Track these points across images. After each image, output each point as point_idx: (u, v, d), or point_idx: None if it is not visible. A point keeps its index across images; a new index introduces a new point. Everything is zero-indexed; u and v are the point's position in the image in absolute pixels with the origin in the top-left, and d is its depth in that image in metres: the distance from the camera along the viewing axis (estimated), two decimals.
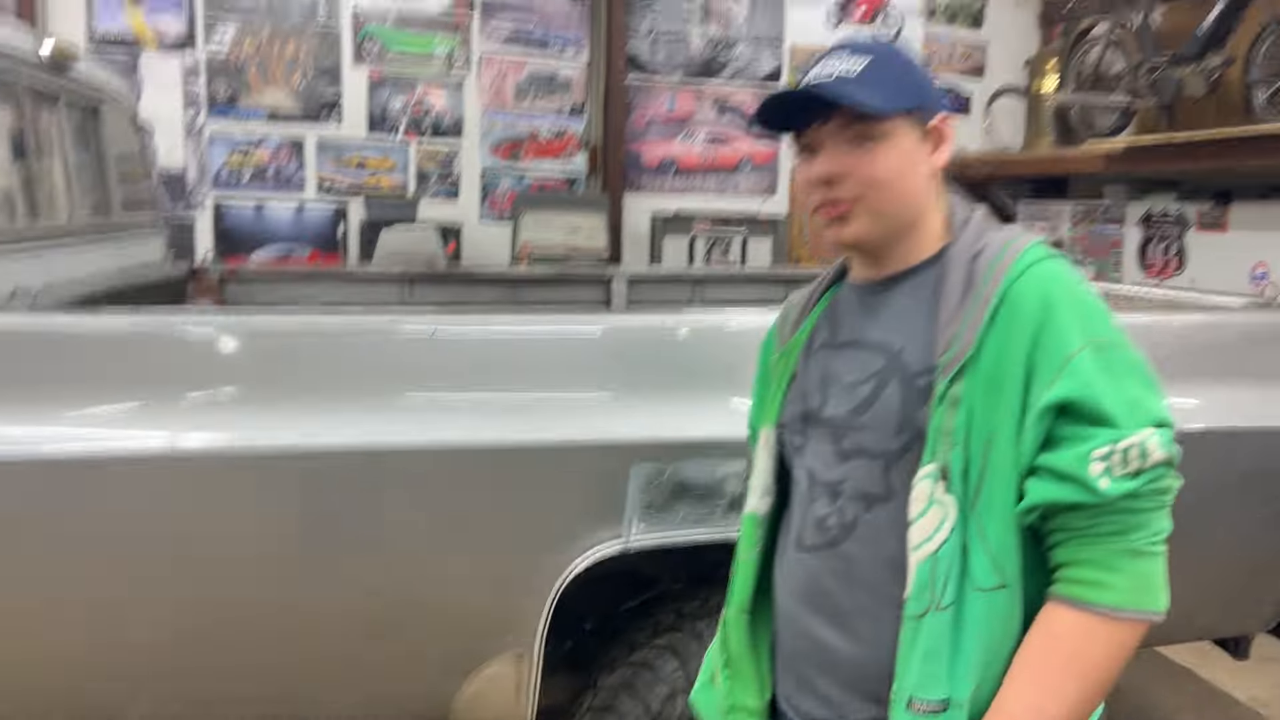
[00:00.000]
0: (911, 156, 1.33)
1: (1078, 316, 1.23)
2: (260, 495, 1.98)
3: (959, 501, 1.24)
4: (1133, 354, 1.24)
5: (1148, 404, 1.20)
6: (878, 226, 1.34)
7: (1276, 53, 4.77)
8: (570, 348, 2.22)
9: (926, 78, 1.37)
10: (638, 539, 2.13)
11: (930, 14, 7.12)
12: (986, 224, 1.37)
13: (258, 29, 6.04)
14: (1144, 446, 1.16)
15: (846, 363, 1.41)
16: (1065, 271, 1.29)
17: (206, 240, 6.09)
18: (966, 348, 1.25)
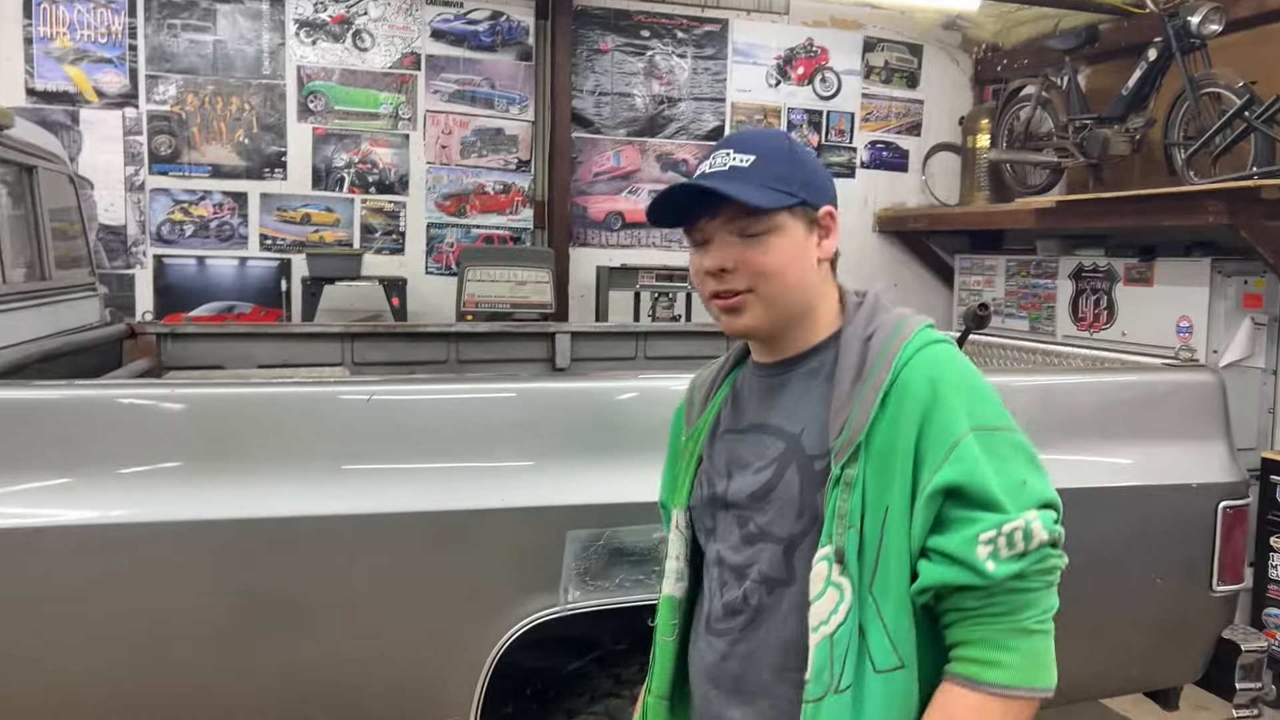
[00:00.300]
0: (800, 247, 1.37)
1: (964, 400, 1.27)
2: (194, 566, 1.96)
3: (855, 583, 1.26)
4: (1018, 437, 1.29)
5: (1033, 486, 1.25)
6: (769, 315, 1.38)
7: (1193, 116, 4.96)
8: (505, 413, 2.24)
9: (813, 169, 1.41)
10: (573, 605, 2.13)
11: (867, 75, 7.32)
12: (877, 307, 1.41)
13: (201, 85, 6.03)
14: (1028, 529, 1.21)
15: (749, 447, 1.44)
16: (953, 356, 1.34)
17: (147, 296, 6.01)
18: (858, 432, 1.28)
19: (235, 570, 1.98)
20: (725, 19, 6.99)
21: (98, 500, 1.91)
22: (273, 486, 2.00)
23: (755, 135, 1.42)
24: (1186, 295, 5.05)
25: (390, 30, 6.34)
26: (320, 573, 2.02)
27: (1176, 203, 4.74)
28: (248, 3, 6.07)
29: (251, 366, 3.94)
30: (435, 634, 2.09)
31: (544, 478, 2.14)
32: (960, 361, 1.33)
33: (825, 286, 1.42)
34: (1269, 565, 4.30)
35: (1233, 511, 2.56)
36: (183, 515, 1.93)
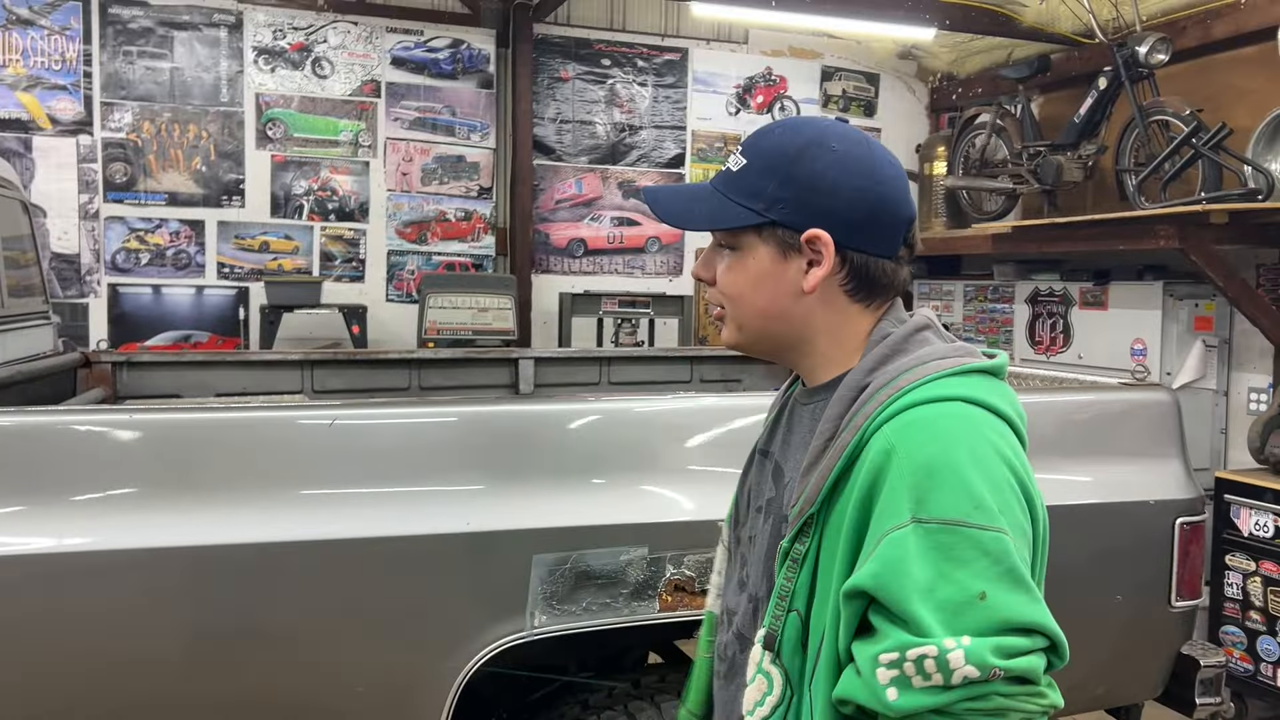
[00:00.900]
0: (765, 274, 1.19)
1: (916, 482, 1.00)
2: (151, 594, 1.91)
3: (790, 675, 1.10)
4: (988, 537, 0.98)
5: (993, 604, 0.96)
6: (745, 337, 1.25)
7: (1143, 143, 5.08)
8: (469, 437, 2.22)
9: (814, 186, 1.16)
10: (540, 630, 2.11)
11: (825, 103, 7.42)
12: (900, 345, 1.16)
13: (157, 112, 5.98)
14: (943, 658, 0.93)
15: (759, 479, 1.32)
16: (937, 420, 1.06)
17: (101, 325, 5.92)
18: (810, 502, 1.10)
19: (197, 598, 1.94)
20: (685, 48, 7.07)
21: (53, 528, 1.87)
22: (232, 513, 1.97)
23: (768, 133, 1.23)
24: (1140, 318, 5.15)
25: (350, 58, 6.34)
26: (282, 600, 1.98)
27: (1128, 228, 4.84)
28: (205, 30, 6.04)
29: (209, 395, 3.88)
30: (400, 661, 2.06)
31: (509, 501, 2.12)
32: (947, 429, 1.05)
33: (828, 318, 1.20)
34: (1224, 583, 4.36)
35: (1189, 528, 2.59)
36: (141, 543, 1.89)
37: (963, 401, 1.07)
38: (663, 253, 7.14)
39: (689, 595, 2.22)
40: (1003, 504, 1.01)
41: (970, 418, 1.06)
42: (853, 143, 1.19)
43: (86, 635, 1.88)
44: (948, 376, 1.10)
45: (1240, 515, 4.31)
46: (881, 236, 1.19)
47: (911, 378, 1.10)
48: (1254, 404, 5.09)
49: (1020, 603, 0.97)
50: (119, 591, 1.90)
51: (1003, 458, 1.04)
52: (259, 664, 1.98)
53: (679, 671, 2.49)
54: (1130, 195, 5.16)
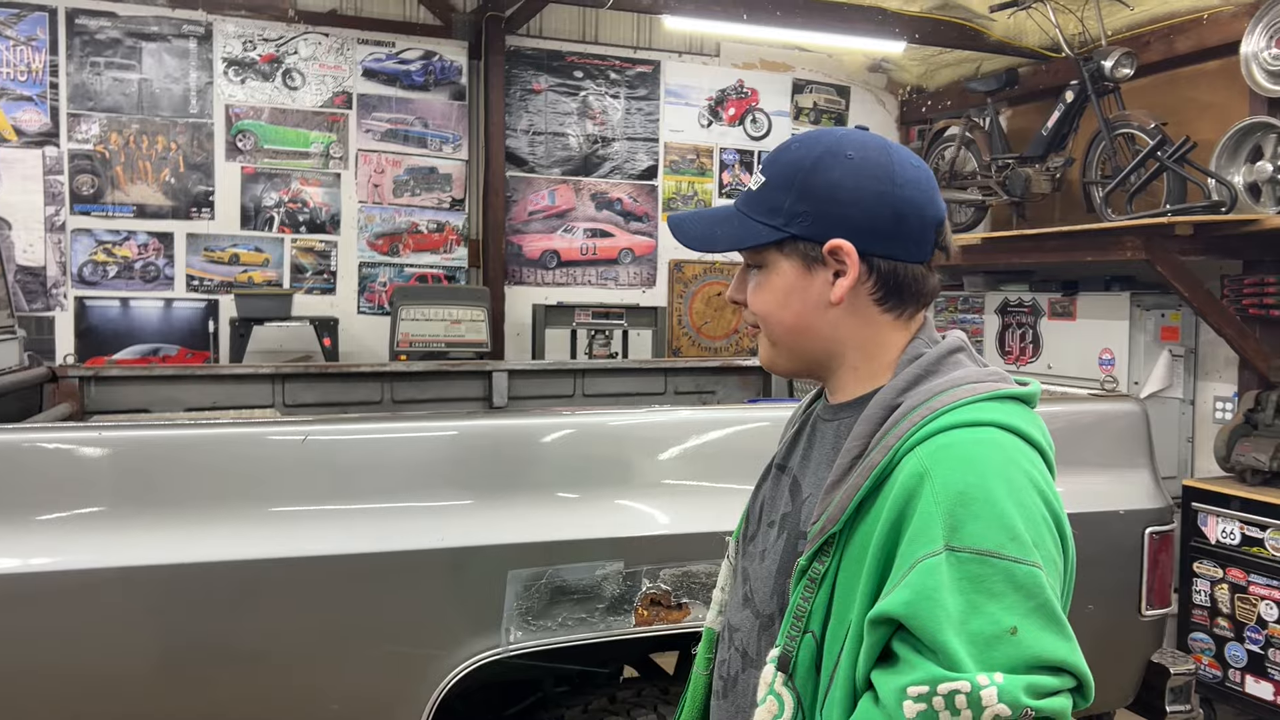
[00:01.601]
0: (790, 289, 1.18)
1: (951, 508, 0.97)
2: (122, 614, 1.89)
3: (803, 698, 1.07)
4: (1023, 570, 0.95)
5: (1024, 639, 0.92)
6: (778, 356, 1.23)
7: (1109, 156, 5.15)
8: (444, 451, 2.21)
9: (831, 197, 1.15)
10: (516, 646, 2.10)
11: (797, 115, 7.46)
12: (933, 366, 1.14)
13: (125, 124, 5.92)
14: (975, 695, 0.89)
15: (774, 493, 1.29)
16: (976, 446, 1.03)
17: (68, 339, 5.84)
18: (833, 521, 1.07)
19: (168, 617, 1.91)
20: (657, 60, 7.09)
21: (19, 548, 1.84)
22: (203, 531, 1.95)
23: (786, 148, 1.22)
24: (1108, 329, 5.21)
25: (321, 69, 6.31)
26: (254, 619, 1.96)
27: (1096, 239, 4.90)
28: (174, 41, 6.00)
29: (179, 410, 3.84)
30: (375, 678, 2.04)
31: (484, 516, 2.11)
32: (984, 458, 1.01)
33: (863, 332, 1.18)
34: (1193, 591, 4.42)
35: (1159, 537, 2.62)
36: (110, 562, 1.87)
37: (998, 428, 1.05)
38: (636, 264, 7.15)
39: (665, 609, 2.22)
40: (1037, 537, 0.98)
41: (1005, 445, 1.04)
42: (870, 149, 1.17)
43: (54, 657, 1.86)
44: (983, 401, 1.08)
45: (1207, 523, 4.36)
46: (908, 240, 1.16)
47: (946, 400, 1.08)
48: (1220, 413, 5.16)
49: (1052, 640, 0.94)
50: (88, 612, 1.87)
51: (1037, 488, 1.02)
52: (231, 683, 1.96)
53: (655, 686, 2.49)
54: (1097, 207, 5.23)
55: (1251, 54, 4.67)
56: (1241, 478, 4.40)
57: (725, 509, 2.23)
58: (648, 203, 7.14)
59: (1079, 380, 5.14)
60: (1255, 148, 4.69)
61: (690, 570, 2.23)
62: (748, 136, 7.34)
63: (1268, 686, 4.08)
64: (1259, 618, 4.12)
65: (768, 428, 2.38)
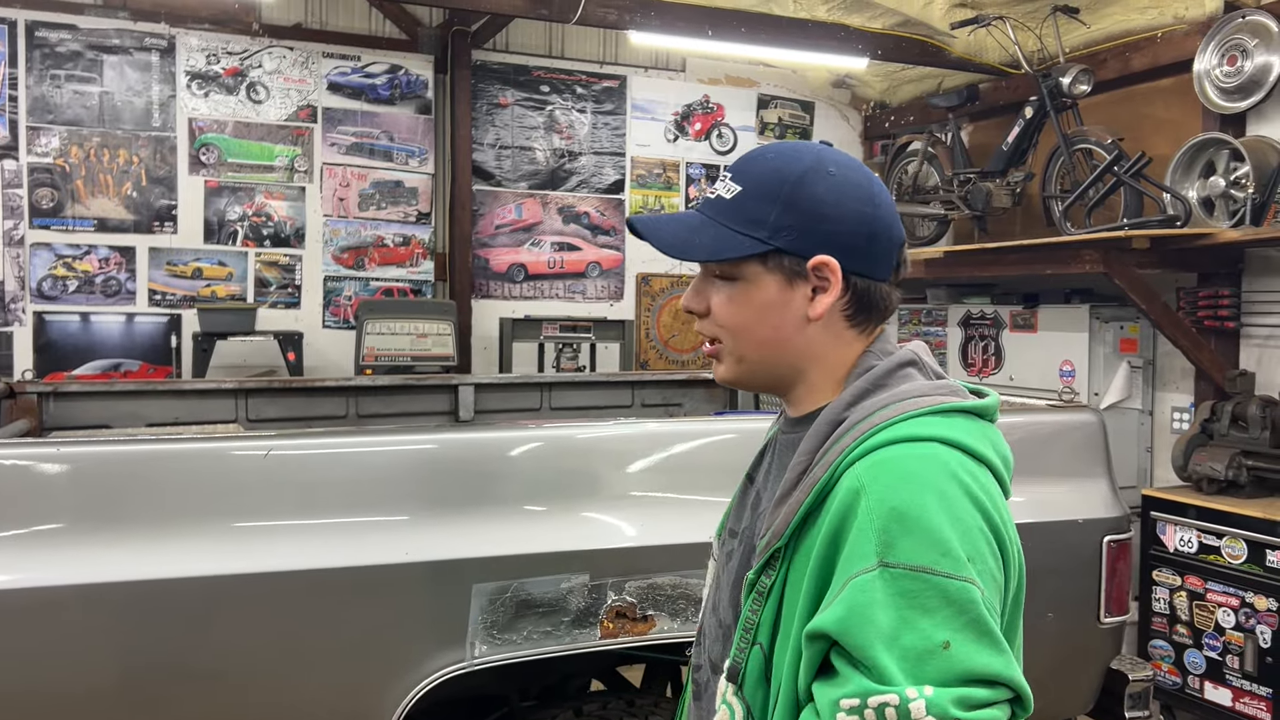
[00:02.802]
0: (770, 303, 1.16)
1: (883, 526, 0.98)
2: (84, 632, 1.87)
3: (753, 708, 1.08)
4: (955, 586, 0.95)
5: (956, 654, 0.93)
6: (739, 372, 1.21)
7: (1068, 171, 5.24)
8: (408, 465, 2.21)
9: (816, 212, 1.14)
10: (481, 660, 2.10)
11: (762, 130, 7.53)
12: (882, 381, 1.14)
13: (86, 137, 5.87)
14: (904, 708, 0.90)
15: (740, 504, 1.30)
16: (912, 462, 1.03)
17: (26, 355, 5.76)
18: (777, 536, 1.08)
19: (130, 635, 1.89)
20: (624, 75, 7.13)
21: None
22: (165, 547, 1.93)
23: (760, 158, 1.20)
24: (1068, 340, 5.29)
25: (286, 83, 6.28)
26: (217, 635, 1.95)
27: (1055, 252, 4.98)
28: (136, 54, 5.95)
29: (140, 425, 3.80)
30: (339, 693, 2.03)
31: (449, 530, 2.11)
32: (913, 473, 1.02)
33: (825, 347, 1.18)
34: (1152, 599, 4.48)
35: (1116, 545, 2.67)
36: (70, 579, 1.85)
37: (938, 443, 1.05)
38: (603, 277, 7.17)
39: (630, 622, 2.22)
40: (973, 551, 0.98)
41: (945, 460, 1.03)
42: (848, 167, 1.19)
43: (13, 677, 1.83)
44: (925, 415, 1.07)
45: (1166, 531, 4.43)
46: (880, 260, 1.17)
47: (888, 414, 1.07)
48: (1177, 423, 5.25)
49: (984, 654, 0.93)
50: (48, 631, 1.85)
51: (975, 503, 1.01)
52: (194, 701, 1.95)
53: (621, 698, 2.49)
54: (1057, 221, 5.31)
55: (1204, 71, 4.77)
56: (1198, 487, 4.48)
57: (691, 521, 2.24)
58: (615, 216, 7.17)
59: (1040, 392, 5.21)
60: (1208, 163, 4.79)
61: (656, 583, 2.24)
62: (714, 151, 7.39)
63: (1226, 692, 4.15)
64: (1217, 624, 4.19)
65: (734, 440, 2.40)
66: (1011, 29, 5.52)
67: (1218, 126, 4.80)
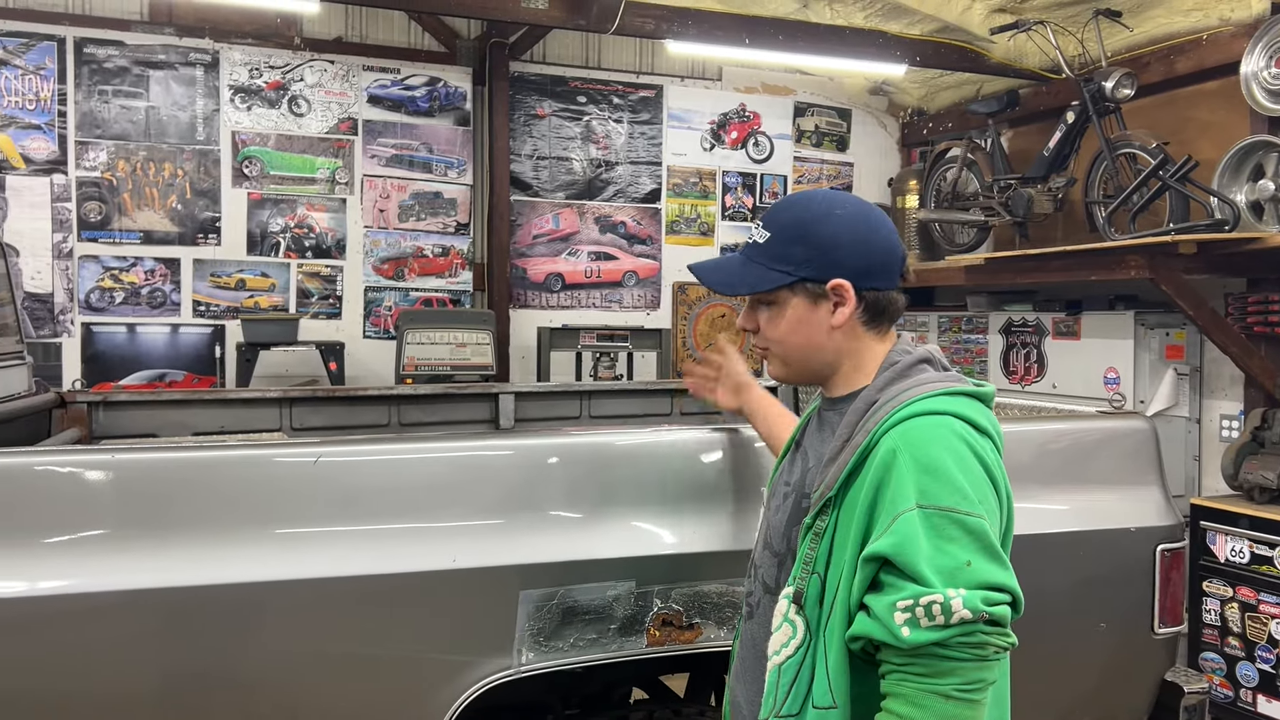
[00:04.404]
0: (802, 319, 1.54)
1: (918, 476, 1.33)
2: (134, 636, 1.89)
3: (810, 624, 1.41)
4: (972, 521, 1.31)
5: (977, 569, 1.28)
6: (789, 371, 1.60)
7: (1111, 176, 5.17)
8: (455, 472, 2.21)
9: (827, 245, 1.51)
10: (528, 667, 2.10)
11: (799, 139, 7.51)
12: (904, 372, 1.50)
13: (133, 151, 5.97)
14: (947, 604, 1.25)
15: (791, 464, 1.66)
16: (932, 429, 1.37)
17: (75, 365, 5.86)
18: (829, 488, 1.43)
19: (179, 640, 1.91)
20: (660, 85, 7.14)
21: (30, 572, 1.84)
22: (213, 553, 1.95)
23: (785, 208, 1.58)
24: (1112, 347, 5.21)
25: (327, 96, 6.36)
26: (264, 641, 1.96)
27: (1099, 258, 4.91)
28: (181, 69, 6.05)
29: (186, 434, 3.84)
30: (386, 700, 2.04)
31: (496, 537, 2.11)
32: (937, 437, 1.36)
33: (851, 346, 1.55)
34: (1203, 610, 4.40)
35: (1170, 554, 2.61)
36: (124, 585, 1.87)
37: (949, 415, 1.40)
38: (640, 286, 7.17)
39: (677, 630, 2.21)
40: (981, 495, 1.34)
41: (954, 428, 1.39)
42: (853, 206, 1.56)
43: (64, 681, 1.85)
44: (939, 396, 1.43)
45: (1216, 542, 4.35)
46: (885, 274, 1.54)
47: (910, 394, 1.43)
48: (1226, 431, 5.16)
49: (995, 570, 1.30)
50: (100, 635, 1.87)
51: (979, 460, 1.37)
52: (239, 706, 1.96)
53: (666, 707, 2.48)
54: (1100, 226, 5.24)
55: (1251, 74, 4.69)
56: (1250, 496, 4.39)
57: (734, 528, 2.23)
58: (651, 225, 7.17)
59: (1085, 399, 5.14)
60: (1257, 166, 4.71)
61: (702, 590, 2.22)
62: (750, 159, 7.38)
63: None
64: (1270, 637, 4.10)
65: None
66: (1052, 33, 5.46)
67: (1266, 129, 4.72)
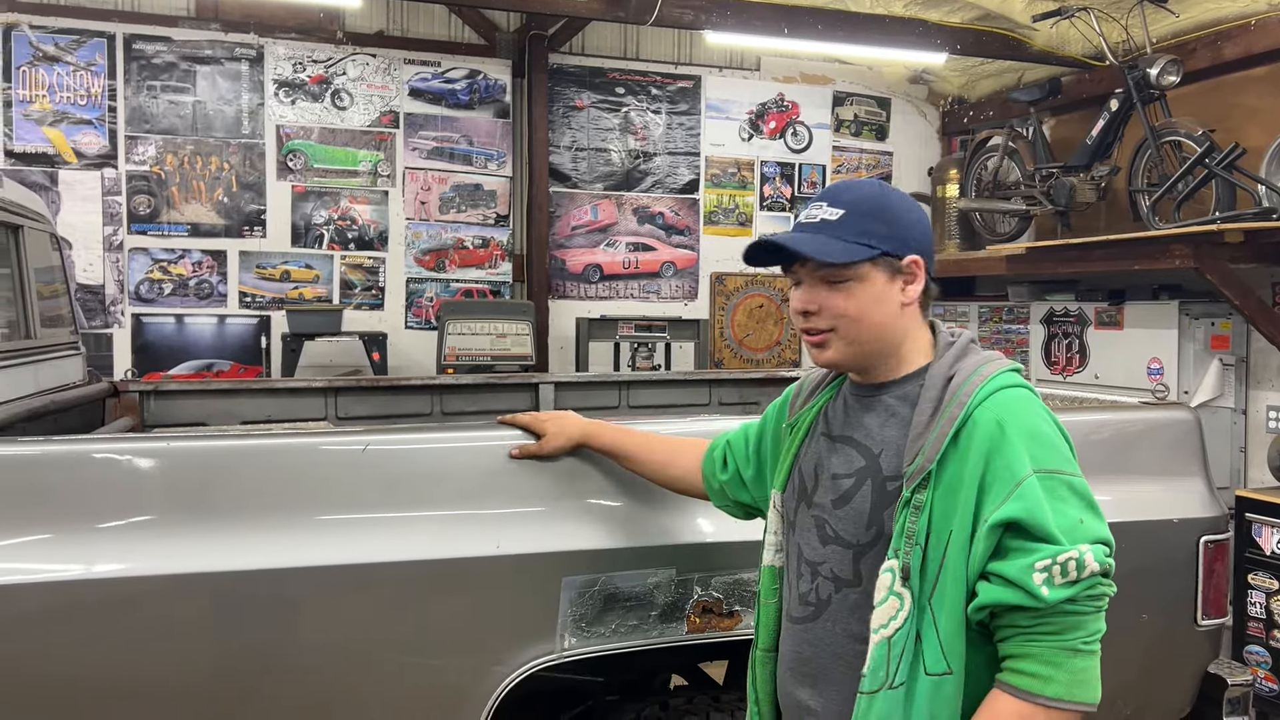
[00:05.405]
0: (880, 295, 1.54)
1: (1028, 444, 1.40)
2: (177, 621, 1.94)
3: (915, 594, 1.43)
4: (1076, 480, 1.41)
5: (1088, 525, 1.37)
6: (850, 352, 1.57)
7: (1156, 164, 5.11)
8: (500, 460, 2.24)
9: (902, 221, 1.55)
10: (570, 652, 2.13)
11: (837, 128, 7.48)
12: (966, 349, 1.56)
13: (180, 145, 6.08)
14: (1081, 560, 1.33)
15: (836, 457, 1.63)
16: (1024, 401, 1.46)
17: (125, 355, 5.99)
18: (929, 461, 1.45)
19: (231, 623, 1.97)
20: (698, 75, 7.14)
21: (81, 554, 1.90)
22: (264, 538, 2.00)
23: (848, 188, 1.58)
24: (1156, 338, 5.16)
25: (369, 89, 6.43)
26: (311, 625, 2.01)
27: (1143, 247, 4.86)
28: (227, 64, 6.15)
29: (234, 423, 3.92)
30: (432, 683, 2.08)
31: (539, 524, 2.15)
32: (1031, 408, 1.45)
33: (911, 326, 1.58)
34: (1248, 603, 4.35)
35: (1214, 546, 2.59)
36: (182, 568, 1.92)
37: (1023, 388, 1.50)
38: (678, 277, 7.19)
39: (717, 617, 2.24)
40: (1074, 457, 1.45)
41: (1034, 400, 1.49)
42: (899, 192, 1.62)
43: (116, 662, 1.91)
44: (1009, 371, 1.51)
45: (1262, 534, 4.30)
46: (932, 257, 1.61)
47: (988, 371, 1.49)
48: (1273, 422, 5.08)
49: (1099, 524, 1.40)
50: (153, 618, 1.92)
51: (1059, 425, 1.48)
52: (285, 690, 2.00)
53: (706, 694, 2.50)
54: (1144, 215, 5.18)
55: None
56: None
57: None
58: (689, 216, 7.18)
59: (1127, 390, 5.10)
60: None
61: (741, 578, 2.25)
62: (789, 149, 7.37)
63: None
64: None
65: None
66: (1096, 20, 5.40)
67: None
